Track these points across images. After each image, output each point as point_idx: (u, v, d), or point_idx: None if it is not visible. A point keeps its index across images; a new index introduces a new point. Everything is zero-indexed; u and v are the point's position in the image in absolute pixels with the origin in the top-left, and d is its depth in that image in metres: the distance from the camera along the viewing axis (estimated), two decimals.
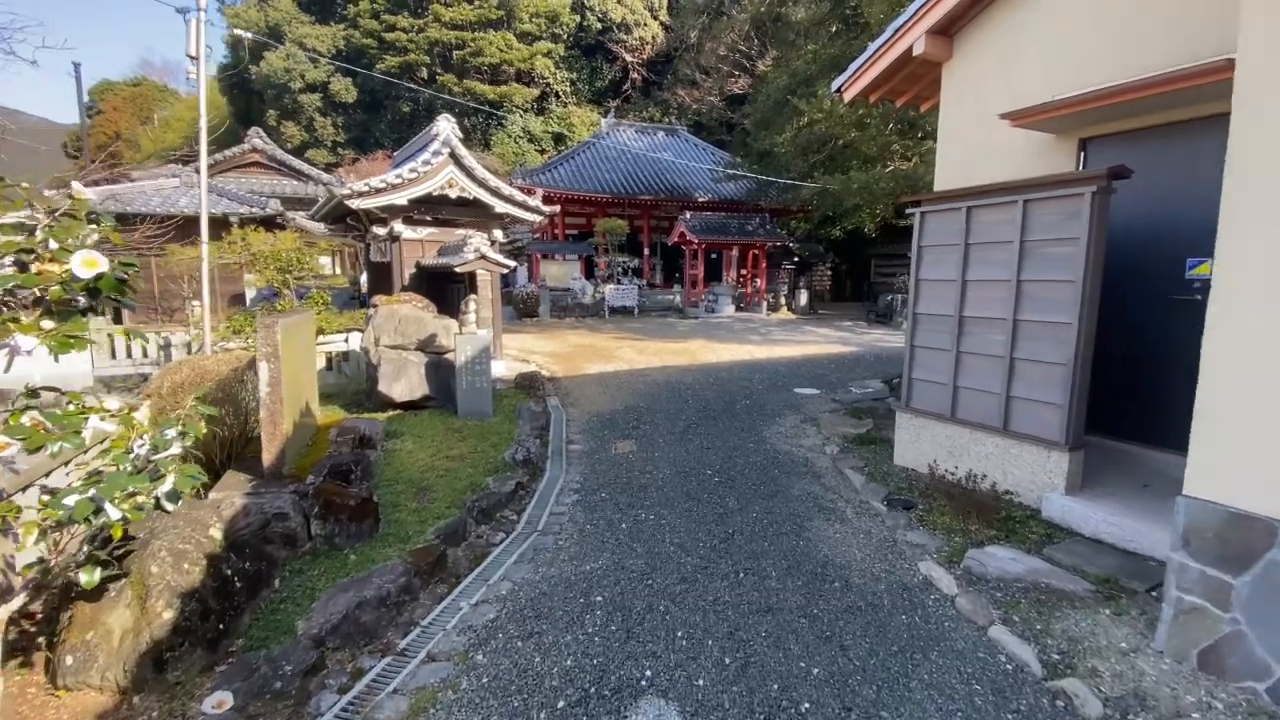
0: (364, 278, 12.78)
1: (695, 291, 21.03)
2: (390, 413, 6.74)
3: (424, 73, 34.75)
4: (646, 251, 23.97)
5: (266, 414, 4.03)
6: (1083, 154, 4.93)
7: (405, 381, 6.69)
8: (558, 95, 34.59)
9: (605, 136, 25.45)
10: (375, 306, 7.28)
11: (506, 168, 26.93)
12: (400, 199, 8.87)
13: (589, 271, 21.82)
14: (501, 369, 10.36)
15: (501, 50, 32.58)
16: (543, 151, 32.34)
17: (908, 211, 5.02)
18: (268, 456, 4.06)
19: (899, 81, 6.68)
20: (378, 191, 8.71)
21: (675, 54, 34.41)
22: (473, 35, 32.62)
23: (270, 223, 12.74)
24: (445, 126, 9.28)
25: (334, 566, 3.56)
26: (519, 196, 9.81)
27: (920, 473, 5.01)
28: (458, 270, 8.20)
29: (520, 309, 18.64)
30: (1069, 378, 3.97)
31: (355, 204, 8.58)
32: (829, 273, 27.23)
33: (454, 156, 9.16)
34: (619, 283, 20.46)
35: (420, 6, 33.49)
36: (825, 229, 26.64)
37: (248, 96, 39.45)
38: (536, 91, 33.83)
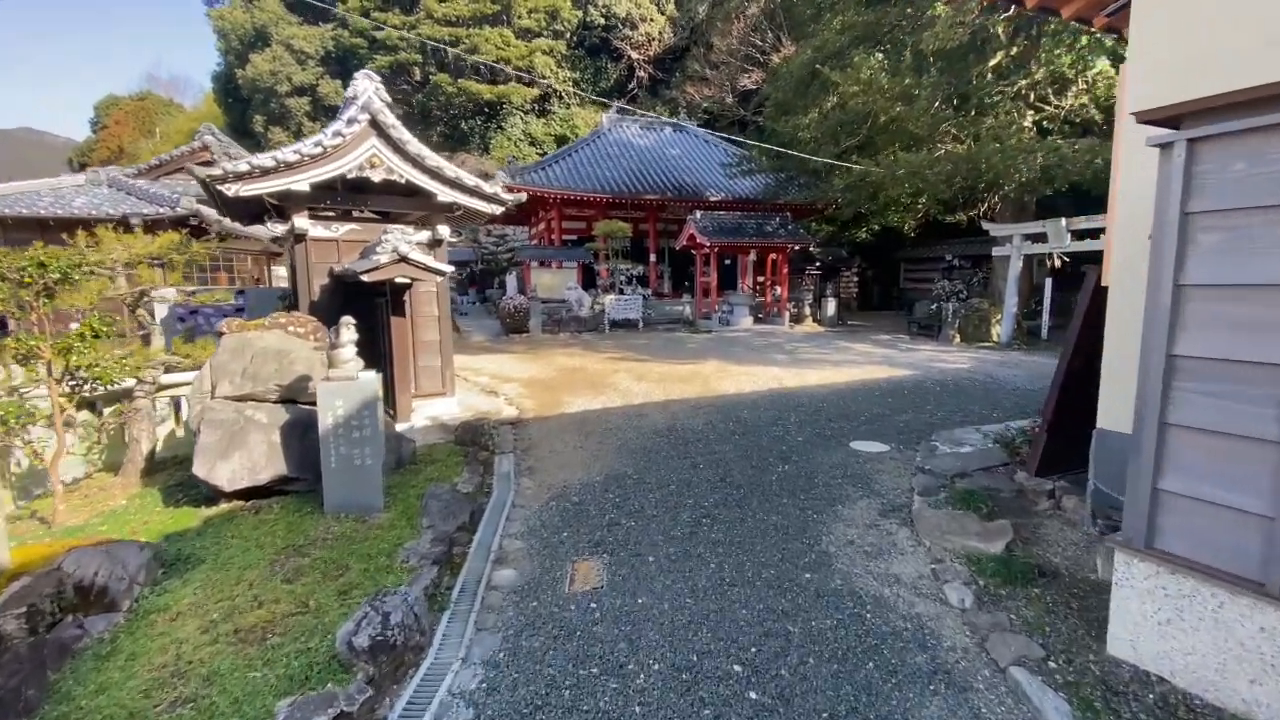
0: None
1: (708, 301, 18.47)
2: (222, 506, 4.24)
3: (417, 73, 32.81)
4: (653, 258, 21.41)
5: None
6: None
7: (242, 457, 4.17)
8: (560, 96, 32.41)
9: (607, 132, 23.08)
10: (222, 335, 4.81)
11: None
12: (299, 183, 6.41)
13: (589, 280, 19.32)
14: (453, 408, 7.87)
15: (498, 48, 30.50)
16: (543, 154, 30.18)
17: (1150, 142, 2.40)
18: None
19: None
20: (265, 173, 6.24)
21: (684, 49, 32.12)
22: (467, 32, 30.60)
23: (183, 223, 10.42)
24: (365, 85, 6.84)
25: None
26: (469, 180, 7.30)
27: (1190, 694, 2.37)
28: (364, 278, 5.70)
29: (507, 324, 16.22)
30: None
31: (231, 190, 6.14)
32: (855, 279, 24.46)
33: (376, 125, 6.70)
34: (621, 292, 17.97)
35: (412, 3, 31.52)
36: (851, 230, 23.91)
37: (243, 105, 37.82)
38: (537, 92, 31.68)
